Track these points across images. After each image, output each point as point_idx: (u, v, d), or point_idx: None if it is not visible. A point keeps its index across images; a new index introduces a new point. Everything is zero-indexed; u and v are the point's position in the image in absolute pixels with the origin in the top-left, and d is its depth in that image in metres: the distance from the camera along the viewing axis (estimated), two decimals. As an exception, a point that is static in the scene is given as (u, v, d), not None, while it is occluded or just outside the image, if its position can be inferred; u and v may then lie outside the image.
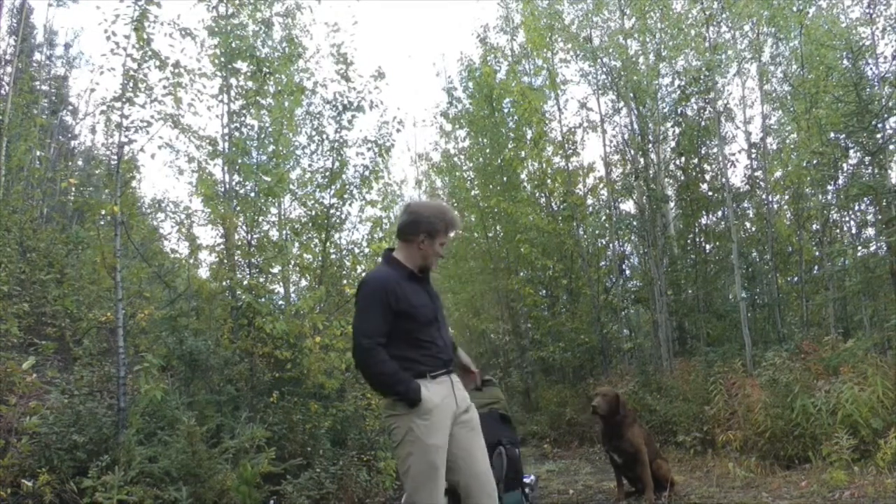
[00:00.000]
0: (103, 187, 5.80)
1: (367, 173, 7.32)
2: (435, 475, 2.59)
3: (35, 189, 11.19)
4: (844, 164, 8.66)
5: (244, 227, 6.50)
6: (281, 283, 7.82)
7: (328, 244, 7.51)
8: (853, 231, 9.86)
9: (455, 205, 14.44)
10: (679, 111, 10.20)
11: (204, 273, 7.23)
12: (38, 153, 11.77)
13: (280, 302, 7.61)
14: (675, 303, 10.49)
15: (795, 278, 10.21)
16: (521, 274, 11.86)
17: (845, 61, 8.17)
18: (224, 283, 6.22)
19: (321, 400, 6.09)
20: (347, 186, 7.29)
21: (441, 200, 3.09)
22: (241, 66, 6.59)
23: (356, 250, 7.90)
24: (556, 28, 11.28)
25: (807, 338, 7.64)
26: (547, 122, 11.39)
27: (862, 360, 6.16)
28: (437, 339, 2.76)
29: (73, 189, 10.32)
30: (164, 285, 7.05)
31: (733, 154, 10.36)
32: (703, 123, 9.96)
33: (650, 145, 10.65)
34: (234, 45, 6.49)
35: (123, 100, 5.13)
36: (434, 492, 2.58)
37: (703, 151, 10.31)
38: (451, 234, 2.86)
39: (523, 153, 11.67)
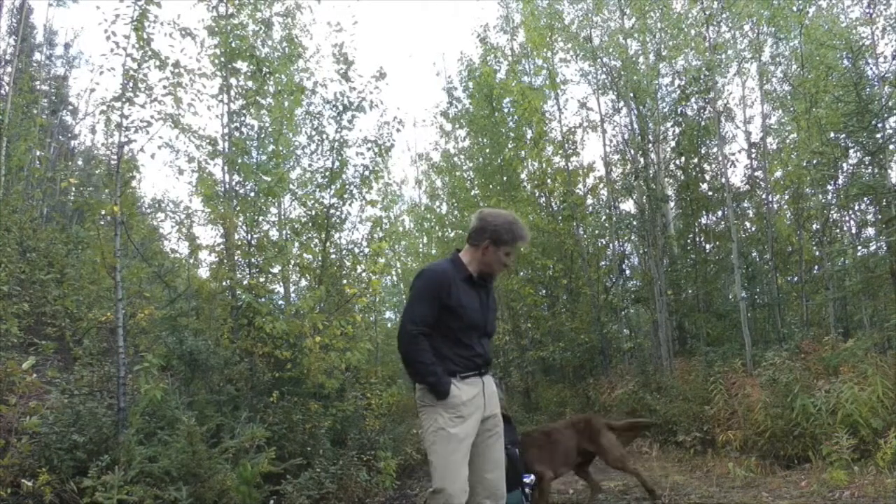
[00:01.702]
0: (103, 187, 5.80)
1: (367, 173, 7.33)
2: (456, 465, 2.70)
3: (35, 189, 11.19)
4: (844, 164, 8.65)
5: (244, 226, 6.50)
6: (281, 283, 7.83)
7: (328, 244, 7.51)
8: (853, 231, 9.86)
9: (455, 205, 14.46)
10: (679, 111, 10.20)
11: (204, 273, 7.25)
12: (38, 153, 11.77)
13: (280, 302, 7.63)
14: (675, 303, 10.49)
15: (795, 278, 10.21)
16: (521, 274, 11.85)
17: (845, 61, 8.17)
18: (224, 283, 6.22)
19: (321, 400, 6.10)
20: (347, 186, 7.30)
21: (513, 213, 3.13)
22: (241, 66, 6.59)
23: (356, 250, 7.92)
24: (556, 28, 11.28)
25: (807, 338, 7.64)
26: (547, 121, 11.38)
27: (862, 359, 6.16)
28: (476, 345, 2.84)
29: (73, 189, 10.33)
30: (164, 285, 7.06)
31: (733, 154, 10.42)
32: (703, 123, 9.97)
33: (650, 145, 10.65)
34: (233, 45, 6.49)
35: (123, 100, 5.13)
36: (455, 481, 2.68)
37: (703, 151, 10.32)
38: (519, 246, 2.96)
39: (523, 153, 11.67)
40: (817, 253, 9.61)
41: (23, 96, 10.88)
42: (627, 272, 11.92)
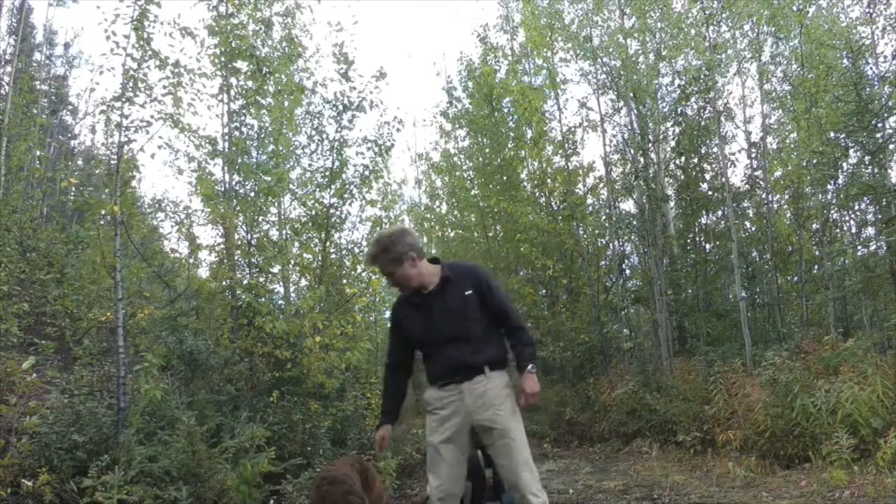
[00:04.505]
0: (103, 187, 5.79)
1: (366, 173, 7.34)
2: (432, 466, 2.87)
3: (35, 189, 11.18)
4: (844, 164, 8.64)
5: (244, 226, 6.50)
6: (281, 283, 7.83)
7: (328, 244, 7.52)
8: (853, 231, 9.86)
9: (455, 205, 14.46)
10: (679, 111, 10.18)
11: (204, 273, 7.26)
12: (38, 153, 11.76)
13: (280, 302, 7.63)
14: (675, 302, 10.48)
15: (795, 278, 10.20)
16: (521, 273, 11.84)
17: (845, 61, 8.17)
18: (224, 283, 6.22)
19: (321, 400, 6.11)
20: (347, 186, 7.30)
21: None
22: (241, 65, 6.59)
23: (356, 250, 7.93)
24: (555, 27, 11.27)
25: (807, 337, 7.64)
26: (547, 121, 11.37)
27: (862, 359, 6.16)
28: (441, 353, 2.89)
29: (73, 189, 10.32)
30: (164, 285, 7.06)
31: (733, 154, 10.37)
32: (703, 123, 9.95)
33: (650, 145, 10.63)
34: (234, 44, 6.49)
35: (123, 99, 5.13)
36: (433, 479, 2.86)
37: (703, 151, 10.30)
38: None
39: (523, 153, 11.67)
40: (817, 253, 9.60)
41: (23, 96, 10.85)
42: (627, 272, 11.90)
